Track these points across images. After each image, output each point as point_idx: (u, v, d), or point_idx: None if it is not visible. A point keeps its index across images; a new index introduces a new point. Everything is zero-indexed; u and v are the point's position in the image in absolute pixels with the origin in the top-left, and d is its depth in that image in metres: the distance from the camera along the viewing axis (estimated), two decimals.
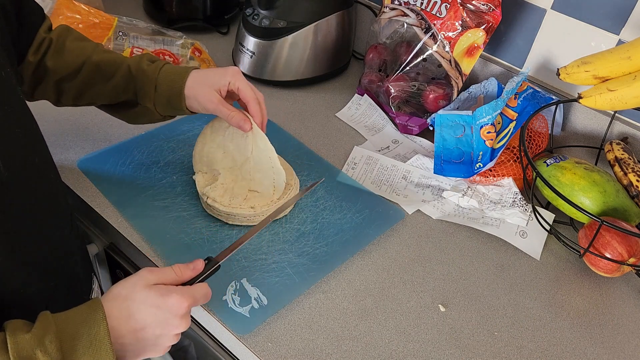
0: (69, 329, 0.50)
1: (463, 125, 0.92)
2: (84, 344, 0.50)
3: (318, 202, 0.85)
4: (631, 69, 0.80)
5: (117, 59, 0.76)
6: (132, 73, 0.75)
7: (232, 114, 0.74)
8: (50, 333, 0.49)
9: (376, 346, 0.69)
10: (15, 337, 0.48)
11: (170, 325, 0.54)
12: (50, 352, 0.48)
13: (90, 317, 0.51)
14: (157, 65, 0.75)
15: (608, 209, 0.81)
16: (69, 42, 0.76)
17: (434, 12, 0.96)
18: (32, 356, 0.47)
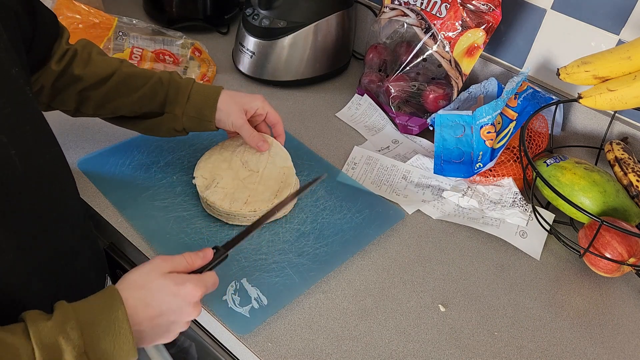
0: (87, 316, 0.51)
1: (463, 125, 0.92)
2: (103, 329, 0.51)
3: (318, 202, 0.85)
4: (631, 69, 0.80)
5: (148, 72, 0.80)
6: (163, 83, 0.79)
7: (254, 134, 0.81)
8: (70, 320, 0.50)
9: (376, 346, 0.69)
10: (36, 325, 0.49)
11: (184, 313, 0.57)
12: (73, 339, 0.49)
13: (108, 304, 0.53)
14: (189, 80, 0.80)
15: (608, 209, 0.81)
16: (95, 54, 0.79)
17: (434, 12, 0.96)
18: (55, 343, 0.48)
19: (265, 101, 0.82)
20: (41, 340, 0.48)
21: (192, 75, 1.06)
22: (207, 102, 0.79)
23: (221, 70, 1.14)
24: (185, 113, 0.79)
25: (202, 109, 0.79)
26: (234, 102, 0.80)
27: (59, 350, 0.49)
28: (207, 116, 0.79)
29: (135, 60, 1.06)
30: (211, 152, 0.86)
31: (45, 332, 0.49)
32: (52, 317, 0.50)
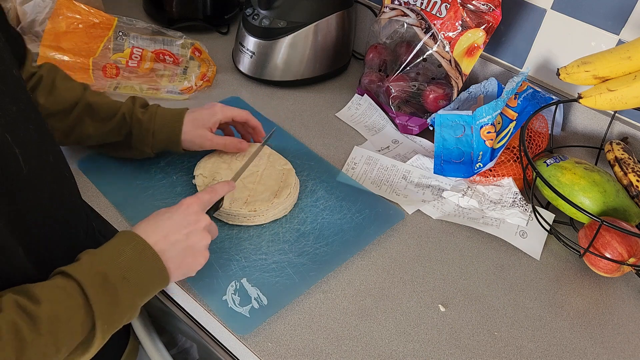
0: (109, 251, 0.58)
1: (463, 125, 0.92)
2: (128, 254, 0.57)
3: (318, 202, 0.85)
4: (631, 69, 0.80)
5: (111, 103, 0.81)
6: (126, 121, 0.79)
7: (227, 143, 0.83)
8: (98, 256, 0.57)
9: (376, 346, 0.69)
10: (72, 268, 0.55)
11: (190, 222, 0.63)
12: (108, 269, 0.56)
13: (123, 236, 0.60)
14: (151, 113, 0.80)
15: (608, 209, 0.81)
16: (59, 80, 0.79)
17: (434, 12, 0.96)
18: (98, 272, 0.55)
19: (225, 108, 0.84)
20: (83, 274, 0.54)
21: (192, 75, 1.07)
22: (170, 138, 0.81)
23: (221, 70, 1.14)
24: (154, 149, 0.82)
25: (168, 144, 0.81)
26: (196, 127, 0.81)
27: (102, 275, 0.55)
28: (175, 149, 0.82)
29: (135, 60, 1.06)
30: (211, 155, 0.87)
31: (82, 268, 0.55)
32: (83, 259, 0.56)
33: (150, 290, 0.60)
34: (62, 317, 0.51)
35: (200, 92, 1.07)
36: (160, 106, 0.82)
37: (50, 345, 0.50)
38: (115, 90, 1.02)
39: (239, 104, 1.04)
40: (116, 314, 0.56)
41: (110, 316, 0.55)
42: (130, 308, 0.57)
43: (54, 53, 1.00)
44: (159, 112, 0.81)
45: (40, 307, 0.50)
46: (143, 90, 1.03)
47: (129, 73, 1.04)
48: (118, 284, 0.55)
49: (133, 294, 0.57)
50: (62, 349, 0.52)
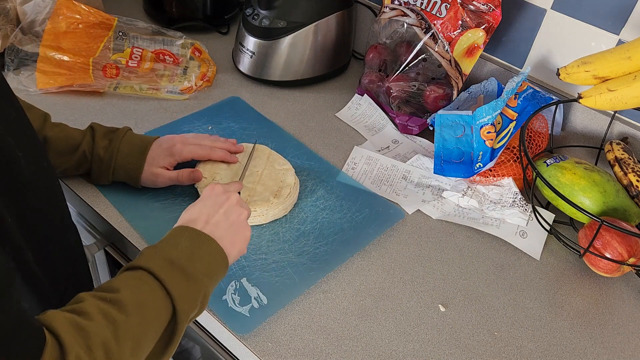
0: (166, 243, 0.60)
1: (463, 125, 0.92)
2: (185, 243, 0.60)
3: (318, 202, 0.85)
4: (631, 69, 0.80)
5: (70, 138, 0.78)
6: (87, 157, 0.79)
7: (179, 176, 0.81)
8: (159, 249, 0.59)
9: (376, 346, 0.69)
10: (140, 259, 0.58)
11: (222, 201, 0.66)
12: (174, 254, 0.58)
13: (174, 231, 0.62)
14: (112, 151, 0.78)
15: (608, 209, 0.81)
16: None
17: (434, 12, 0.96)
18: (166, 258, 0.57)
19: (184, 149, 0.81)
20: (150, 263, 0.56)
21: (192, 75, 1.06)
22: (130, 177, 0.80)
23: (221, 70, 1.14)
24: (110, 181, 0.81)
25: (127, 180, 0.81)
26: (155, 167, 0.80)
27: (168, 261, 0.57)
28: (134, 184, 0.81)
29: (135, 60, 1.06)
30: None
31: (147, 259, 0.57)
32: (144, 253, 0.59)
33: (215, 271, 0.61)
34: (144, 300, 0.53)
35: (200, 92, 1.07)
36: (126, 136, 0.80)
37: (139, 326, 0.51)
38: (115, 90, 1.02)
39: (239, 104, 1.04)
40: (190, 294, 0.57)
41: (186, 295, 0.56)
42: (201, 289, 0.58)
43: (54, 53, 1.00)
44: (122, 148, 0.79)
45: (120, 293, 0.52)
46: (143, 90, 1.03)
47: (129, 73, 1.04)
48: (185, 265, 0.57)
49: (202, 274, 0.58)
50: (150, 331, 0.53)
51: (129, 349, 0.49)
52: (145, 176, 0.80)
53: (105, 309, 0.49)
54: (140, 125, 0.96)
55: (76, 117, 0.96)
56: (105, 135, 0.80)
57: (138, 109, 1.00)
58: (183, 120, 0.98)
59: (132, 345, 0.50)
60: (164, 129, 0.96)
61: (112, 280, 0.55)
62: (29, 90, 0.99)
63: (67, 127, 0.80)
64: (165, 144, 0.81)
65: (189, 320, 0.58)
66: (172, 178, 0.81)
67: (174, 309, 0.55)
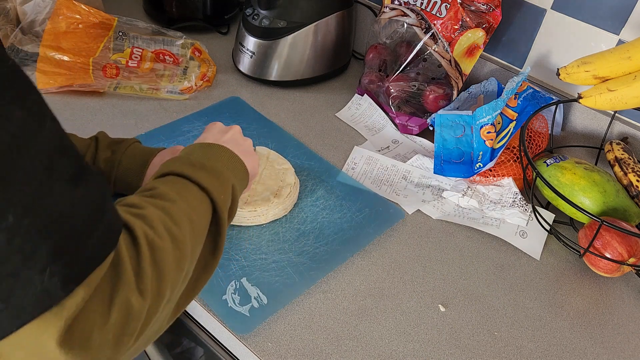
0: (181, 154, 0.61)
1: (463, 125, 0.92)
2: (198, 150, 0.61)
3: (318, 202, 0.85)
4: (631, 69, 0.80)
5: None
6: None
7: None
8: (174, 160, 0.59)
9: (376, 346, 0.69)
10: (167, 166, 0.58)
11: (225, 129, 0.68)
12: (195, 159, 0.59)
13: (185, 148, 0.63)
14: (113, 162, 0.77)
15: (608, 209, 0.81)
16: None
17: (434, 12, 0.96)
18: (183, 160, 0.58)
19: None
20: (170, 167, 0.57)
21: (192, 75, 1.06)
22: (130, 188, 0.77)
23: (221, 70, 1.14)
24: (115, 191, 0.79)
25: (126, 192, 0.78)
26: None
27: (187, 161, 0.58)
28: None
29: (135, 60, 1.06)
30: None
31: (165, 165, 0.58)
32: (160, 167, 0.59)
33: (235, 169, 0.62)
34: (182, 190, 0.54)
35: (200, 92, 1.07)
36: (129, 149, 0.78)
37: (188, 209, 0.52)
38: (115, 90, 1.02)
39: (239, 104, 1.04)
40: (220, 184, 0.58)
41: (217, 186, 0.57)
42: (228, 180, 0.59)
43: (54, 53, 1.00)
44: (123, 161, 0.77)
45: (158, 189, 0.53)
46: (143, 90, 1.03)
47: (129, 73, 1.04)
48: (205, 163, 0.58)
49: (224, 167, 0.60)
50: (200, 215, 0.54)
51: (187, 228, 0.50)
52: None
53: (150, 200, 0.51)
54: (140, 125, 0.96)
55: (76, 117, 0.96)
56: (109, 146, 0.78)
57: (138, 109, 1.00)
58: (183, 120, 0.98)
59: (189, 224, 0.51)
60: (164, 129, 0.96)
61: (142, 187, 0.55)
62: None
63: (74, 137, 0.78)
64: (167, 156, 0.78)
65: (227, 214, 0.58)
66: None
67: (211, 199, 0.56)
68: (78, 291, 0.38)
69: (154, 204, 0.50)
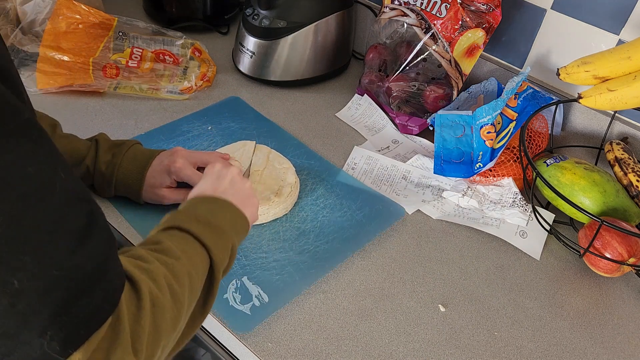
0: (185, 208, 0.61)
1: (463, 125, 0.92)
2: (203, 205, 0.62)
3: (318, 201, 0.85)
4: (631, 69, 0.80)
5: (75, 151, 0.77)
6: (90, 172, 0.77)
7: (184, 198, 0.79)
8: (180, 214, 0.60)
9: (376, 346, 0.69)
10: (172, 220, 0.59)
11: (224, 174, 0.68)
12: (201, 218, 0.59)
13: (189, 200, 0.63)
14: (114, 165, 0.76)
15: (608, 209, 0.81)
16: None
17: (434, 12, 0.96)
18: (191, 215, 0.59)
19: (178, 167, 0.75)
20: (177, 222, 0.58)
21: (192, 75, 1.06)
22: (131, 192, 0.78)
23: (221, 70, 1.14)
24: (115, 194, 0.79)
25: (129, 195, 0.79)
26: (153, 187, 0.77)
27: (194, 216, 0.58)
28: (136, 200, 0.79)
29: (135, 60, 1.06)
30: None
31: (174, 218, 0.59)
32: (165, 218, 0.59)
33: (237, 226, 0.63)
34: (185, 247, 0.55)
35: (200, 92, 1.07)
36: (129, 151, 0.77)
37: (190, 267, 0.53)
38: (115, 90, 1.02)
39: (239, 104, 1.04)
40: (221, 244, 0.58)
41: (218, 245, 0.58)
42: (229, 240, 0.60)
43: (54, 53, 1.00)
44: (123, 164, 0.77)
45: (164, 243, 0.54)
46: (143, 90, 1.03)
47: (129, 73, 1.04)
48: (210, 220, 0.59)
49: (227, 227, 0.60)
50: (199, 272, 0.55)
51: (187, 286, 0.52)
52: (147, 195, 0.78)
53: (156, 255, 0.51)
54: (140, 125, 0.96)
55: (76, 118, 0.96)
56: (110, 149, 0.78)
57: (138, 109, 1.00)
58: (183, 120, 0.98)
59: (189, 283, 0.52)
60: (164, 129, 0.95)
61: (147, 238, 0.56)
62: (29, 90, 0.98)
63: (75, 139, 0.79)
64: (166, 159, 0.77)
65: (222, 273, 0.59)
66: (179, 200, 0.78)
67: (210, 258, 0.56)
68: (76, 355, 0.38)
69: (159, 259, 0.51)
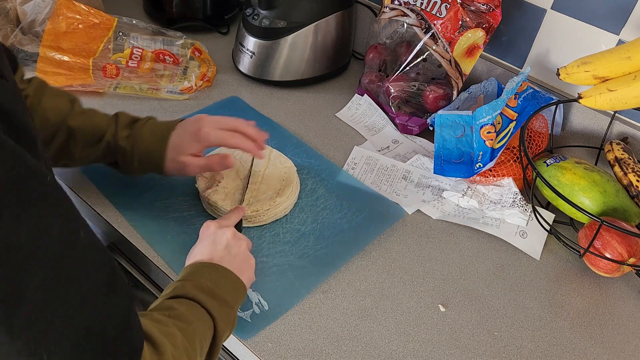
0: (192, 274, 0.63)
1: (463, 125, 0.92)
2: (207, 272, 0.63)
3: (318, 202, 0.85)
4: (631, 69, 0.80)
5: (95, 126, 0.75)
6: (111, 148, 0.75)
7: (211, 163, 0.76)
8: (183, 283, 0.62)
9: (376, 346, 0.69)
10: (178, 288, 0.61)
11: (219, 239, 0.68)
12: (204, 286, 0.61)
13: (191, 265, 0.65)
14: (134, 138, 0.75)
15: (608, 209, 0.81)
16: (46, 99, 0.73)
17: (434, 12, 0.96)
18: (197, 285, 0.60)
19: (206, 133, 0.74)
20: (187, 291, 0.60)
21: (192, 75, 1.06)
22: (154, 165, 0.76)
23: (221, 70, 1.14)
24: (140, 172, 0.78)
25: (153, 171, 0.77)
26: (180, 155, 0.75)
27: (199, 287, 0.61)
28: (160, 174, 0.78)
29: (135, 60, 1.06)
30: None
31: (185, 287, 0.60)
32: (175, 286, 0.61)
33: (238, 296, 0.65)
34: (196, 314, 0.58)
35: (200, 92, 1.07)
36: (147, 123, 0.76)
37: (200, 332, 0.56)
38: (115, 90, 1.02)
39: (239, 104, 1.04)
40: (225, 315, 0.61)
41: (222, 317, 0.60)
42: (232, 313, 0.63)
43: (54, 53, 1.00)
44: (143, 135, 0.75)
45: (177, 310, 0.56)
46: (143, 90, 1.03)
47: (129, 73, 1.04)
48: (216, 291, 0.61)
49: (230, 299, 0.62)
50: (207, 338, 0.58)
51: (198, 351, 0.55)
52: (171, 165, 0.75)
53: (172, 320, 0.54)
54: None
55: None
56: (129, 124, 0.76)
57: (138, 109, 1.00)
58: None
59: (199, 348, 0.56)
60: None
61: (159, 304, 0.58)
62: None
63: (95, 113, 0.76)
64: (191, 127, 0.75)
65: (222, 342, 0.61)
66: (202, 166, 0.76)
67: (215, 328, 0.59)
68: None
69: (175, 324, 0.54)
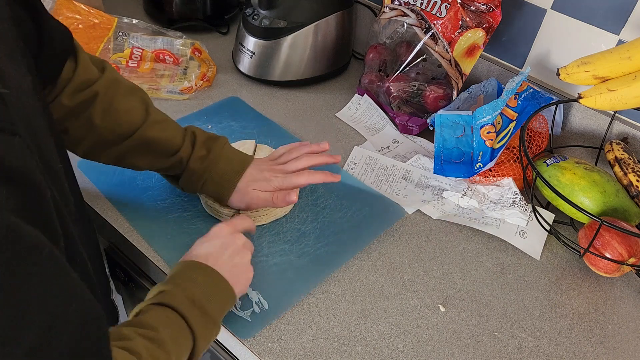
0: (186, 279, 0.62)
1: (463, 125, 0.92)
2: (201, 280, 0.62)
3: (318, 201, 0.85)
4: (631, 69, 0.80)
5: (170, 139, 0.74)
6: (182, 165, 0.75)
7: (276, 202, 0.77)
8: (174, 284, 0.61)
9: (376, 346, 0.69)
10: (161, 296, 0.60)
11: (228, 243, 0.67)
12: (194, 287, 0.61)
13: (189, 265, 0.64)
14: (209, 163, 0.75)
15: (608, 209, 0.81)
16: (119, 99, 0.71)
17: (434, 12, 0.96)
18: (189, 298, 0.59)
19: (284, 176, 0.76)
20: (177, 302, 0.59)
21: (192, 75, 1.07)
22: (220, 194, 0.76)
23: (221, 70, 1.14)
24: (200, 191, 0.77)
25: (215, 197, 0.78)
26: (249, 193, 0.76)
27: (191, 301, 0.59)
28: (220, 202, 0.79)
29: (135, 60, 1.06)
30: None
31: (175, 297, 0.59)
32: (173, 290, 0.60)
33: (226, 307, 0.64)
34: (178, 337, 0.57)
35: (200, 92, 1.07)
36: (224, 150, 0.76)
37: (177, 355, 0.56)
38: None
39: (239, 104, 1.05)
40: (208, 333, 0.61)
41: (204, 335, 0.60)
42: (215, 330, 0.62)
43: None
44: (219, 165, 0.75)
45: (159, 332, 0.55)
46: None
47: (129, 73, 1.04)
48: (205, 306, 0.60)
49: (217, 315, 0.62)
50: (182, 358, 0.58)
51: None
52: (236, 196, 0.76)
53: (151, 349, 0.54)
54: None
55: None
56: (205, 143, 0.75)
57: None
58: (183, 120, 0.98)
59: None
60: None
61: (146, 316, 0.58)
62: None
63: (169, 124, 0.75)
64: (265, 171, 0.77)
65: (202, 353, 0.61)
66: (268, 200, 0.76)
67: (194, 346, 0.59)
68: None
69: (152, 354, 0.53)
